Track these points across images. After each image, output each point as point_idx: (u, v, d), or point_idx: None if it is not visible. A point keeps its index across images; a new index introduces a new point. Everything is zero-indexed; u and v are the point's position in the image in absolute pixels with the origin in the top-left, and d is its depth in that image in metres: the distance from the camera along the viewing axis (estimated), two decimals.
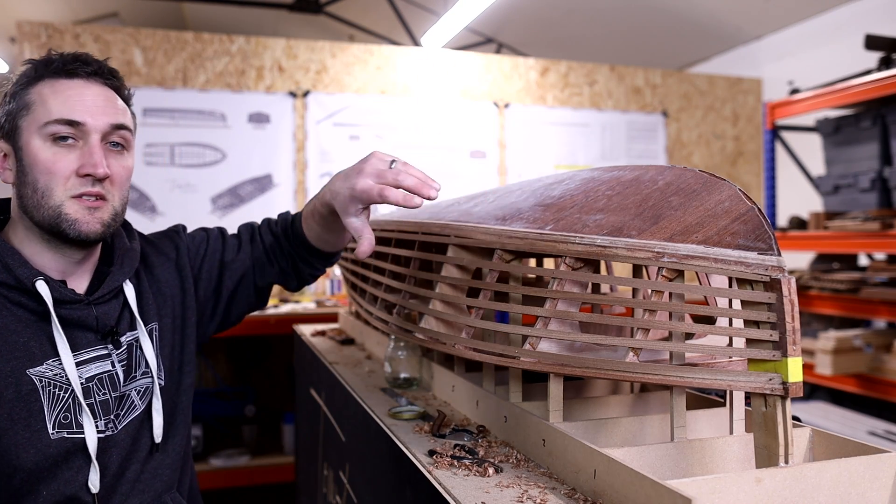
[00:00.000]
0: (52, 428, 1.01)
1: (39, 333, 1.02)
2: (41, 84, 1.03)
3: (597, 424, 1.01)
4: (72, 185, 1.01)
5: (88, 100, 1.03)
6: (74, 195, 1.01)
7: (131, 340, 1.13)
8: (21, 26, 3.69)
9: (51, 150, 1.00)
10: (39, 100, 1.01)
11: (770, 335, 0.80)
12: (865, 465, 0.82)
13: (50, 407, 1.01)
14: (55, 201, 1.00)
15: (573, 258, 0.95)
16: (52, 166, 1.00)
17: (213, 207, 3.94)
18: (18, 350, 1.00)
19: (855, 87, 2.98)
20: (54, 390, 1.02)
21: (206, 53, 3.98)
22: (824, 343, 3.05)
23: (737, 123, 5.10)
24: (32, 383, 1.00)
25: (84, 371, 1.05)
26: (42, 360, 1.01)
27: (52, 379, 1.02)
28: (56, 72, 1.03)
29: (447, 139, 4.42)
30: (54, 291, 1.02)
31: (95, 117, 1.02)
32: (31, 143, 1.01)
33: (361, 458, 1.36)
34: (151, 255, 1.24)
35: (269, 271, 1.32)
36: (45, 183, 1.00)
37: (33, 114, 1.01)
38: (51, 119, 1.00)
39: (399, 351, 1.47)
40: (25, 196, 1.02)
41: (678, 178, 0.99)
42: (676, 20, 5.23)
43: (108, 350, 1.09)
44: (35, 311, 1.03)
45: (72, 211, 1.01)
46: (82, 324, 1.06)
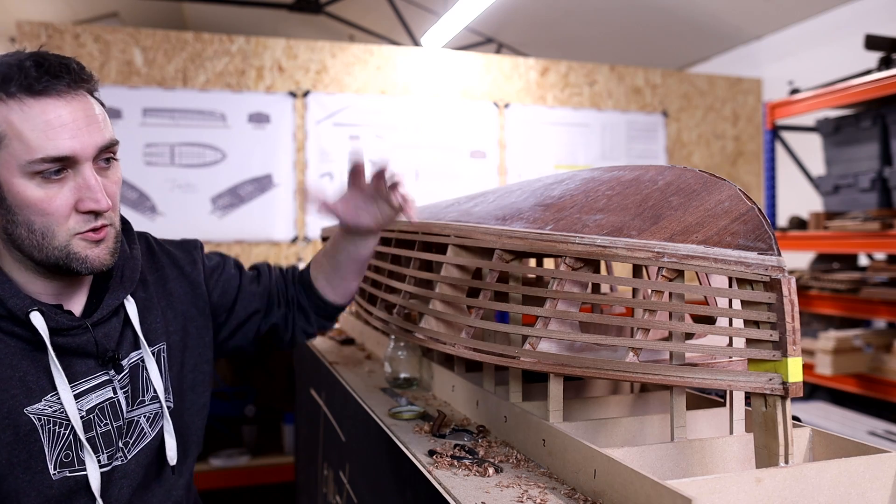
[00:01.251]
0: (53, 468, 0.95)
1: (36, 365, 0.95)
2: (6, 108, 0.87)
3: (597, 424, 1.01)
4: (74, 224, 0.92)
5: (70, 124, 0.89)
6: (79, 233, 0.92)
7: (136, 362, 1.05)
8: (21, 26, 3.69)
9: (41, 190, 0.89)
10: (12, 132, 0.87)
11: (770, 335, 0.80)
12: (865, 465, 0.82)
13: (50, 446, 0.95)
14: (60, 241, 0.91)
15: (573, 258, 0.95)
16: (47, 206, 0.89)
17: (213, 207, 3.94)
18: (14, 387, 0.93)
19: (855, 87, 2.98)
20: (54, 428, 0.95)
21: (206, 53, 3.98)
22: (824, 343, 3.05)
23: (737, 123, 5.10)
24: (31, 423, 0.93)
25: (84, 403, 0.98)
26: (40, 395, 0.94)
27: (51, 416, 0.95)
28: (19, 89, 0.87)
29: (447, 139, 4.42)
30: (50, 320, 0.94)
31: (84, 144, 0.90)
32: (13, 182, 0.88)
33: (361, 458, 1.36)
34: (166, 267, 1.15)
35: (276, 314, 1.26)
36: (44, 224, 0.90)
37: (8, 149, 0.87)
38: (34, 158, 0.87)
39: (399, 351, 1.47)
40: (19, 237, 0.91)
41: (678, 178, 0.99)
42: (676, 20, 5.22)
43: (110, 376, 1.01)
44: (30, 341, 0.94)
45: (80, 249, 0.93)
46: (81, 351, 0.98)
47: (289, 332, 1.29)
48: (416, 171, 4.35)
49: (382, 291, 1.54)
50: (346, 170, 1.11)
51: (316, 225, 4.13)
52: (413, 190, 4.02)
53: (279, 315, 1.27)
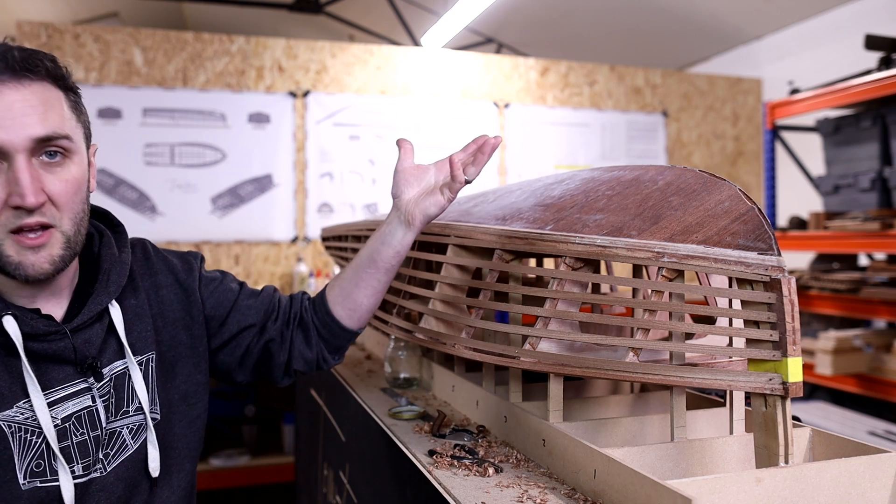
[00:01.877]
0: (23, 478, 0.90)
1: (9, 371, 0.90)
2: None
3: (597, 424, 1.01)
4: (5, 219, 0.85)
5: (1, 110, 0.84)
6: (12, 230, 0.85)
7: (120, 371, 1.00)
8: (21, 26, 3.69)
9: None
10: None
11: (770, 335, 0.80)
12: (865, 465, 0.82)
13: (21, 455, 0.90)
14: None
15: (573, 258, 0.95)
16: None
17: (213, 207, 3.94)
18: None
19: (855, 87, 2.98)
20: (25, 436, 0.90)
21: (206, 53, 3.98)
22: (824, 343, 3.05)
23: (737, 123, 5.10)
24: (1, 430, 0.88)
25: (59, 410, 0.93)
26: (12, 402, 0.89)
27: (22, 423, 0.90)
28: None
29: (447, 139, 4.42)
30: (24, 325, 0.89)
31: (10, 132, 0.84)
32: None
33: (361, 458, 1.36)
34: (160, 274, 1.10)
35: (271, 329, 1.16)
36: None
37: None
38: None
39: (399, 351, 1.47)
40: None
41: (678, 178, 0.99)
42: (676, 20, 5.22)
43: (89, 384, 0.95)
44: (4, 345, 0.90)
45: (12, 252, 0.86)
46: (58, 357, 0.93)
47: (284, 354, 1.17)
48: None
49: None
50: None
51: (316, 225, 4.13)
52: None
53: (275, 330, 1.16)
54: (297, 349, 1.16)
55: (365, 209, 4.25)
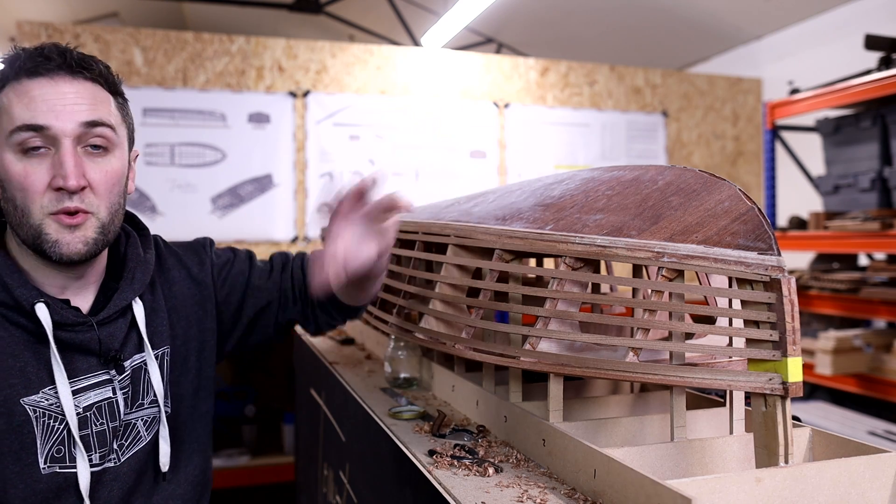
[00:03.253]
0: (43, 462, 0.94)
1: (38, 357, 0.95)
2: (8, 88, 0.92)
3: (597, 424, 1.01)
4: (48, 202, 0.91)
5: (53, 99, 0.90)
6: (52, 212, 0.91)
7: (139, 364, 1.04)
8: (21, 26, 3.69)
9: (21, 163, 0.90)
10: (3, 107, 0.91)
11: (770, 335, 0.80)
12: (865, 465, 0.82)
13: (43, 440, 0.94)
14: (34, 220, 0.91)
15: (573, 258, 0.95)
16: (24, 181, 0.90)
17: (213, 207, 3.94)
18: (14, 376, 0.93)
19: (855, 87, 2.98)
20: (49, 421, 0.94)
21: (206, 53, 3.98)
22: (824, 343, 3.05)
23: (737, 123, 5.11)
24: (26, 414, 0.93)
25: (82, 399, 0.97)
26: (38, 387, 0.94)
27: (46, 409, 0.94)
28: (18, 72, 0.91)
29: (447, 139, 4.42)
30: (55, 314, 0.94)
31: (61, 118, 0.90)
32: (2, 156, 0.91)
33: (361, 458, 1.36)
34: (173, 269, 1.13)
35: (293, 309, 1.21)
36: (23, 200, 0.91)
37: (0, 123, 0.91)
38: (14, 126, 0.89)
39: (399, 351, 1.47)
40: (8, 213, 0.93)
41: (678, 178, 0.99)
42: (676, 20, 5.22)
43: (110, 376, 1.00)
44: (34, 332, 0.95)
45: (51, 230, 0.91)
46: (84, 348, 0.98)
47: (311, 326, 1.25)
48: (416, 171, 4.35)
49: (382, 291, 1.54)
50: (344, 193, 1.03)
51: (316, 225, 4.13)
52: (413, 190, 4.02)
53: (296, 311, 1.22)
54: (322, 320, 1.24)
55: None
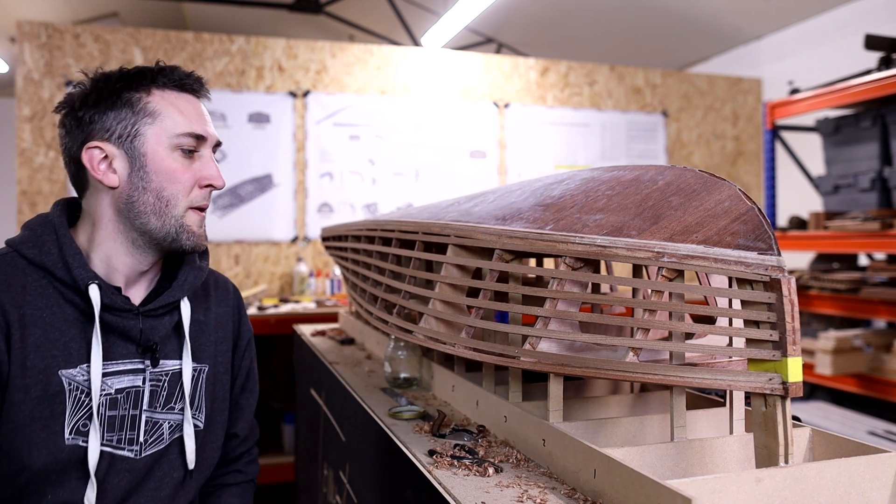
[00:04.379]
0: (68, 433, 1.00)
1: (82, 335, 1.02)
2: (157, 92, 1.06)
3: (597, 424, 1.01)
4: (194, 196, 1.07)
5: (203, 115, 1.10)
6: (194, 206, 1.07)
7: (176, 370, 1.11)
8: (21, 26, 3.69)
9: (179, 162, 1.05)
10: (166, 111, 1.05)
11: (770, 335, 0.80)
12: (865, 465, 0.82)
13: (72, 412, 1.00)
14: (179, 211, 1.05)
15: (573, 258, 0.95)
16: (181, 176, 1.05)
17: (213, 207, 3.93)
18: (57, 349, 1.00)
19: (855, 87, 2.98)
20: (80, 395, 1.01)
21: (206, 53, 3.98)
22: (824, 343, 3.05)
23: (737, 123, 5.11)
24: (61, 385, 0.99)
25: (115, 381, 1.04)
26: (77, 362, 1.01)
27: (80, 384, 1.01)
28: (170, 83, 1.07)
29: (447, 139, 4.42)
30: (105, 297, 1.02)
31: (211, 133, 1.10)
32: (159, 150, 1.04)
33: (361, 458, 1.36)
34: (223, 304, 1.25)
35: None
36: (172, 192, 1.05)
37: (162, 123, 1.05)
38: (182, 132, 1.05)
39: (399, 351, 1.47)
40: (144, 202, 1.04)
41: (678, 178, 0.99)
42: (676, 20, 5.22)
43: (144, 366, 1.07)
44: (84, 311, 1.03)
45: (192, 223, 1.07)
46: (125, 334, 1.05)
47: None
48: (416, 171, 4.35)
49: (382, 291, 1.54)
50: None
51: (316, 225, 4.13)
52: (413, 190, 4.02)
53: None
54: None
55: (365, 209, 4.25)
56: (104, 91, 1.05)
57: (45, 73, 3.72)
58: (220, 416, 1.20)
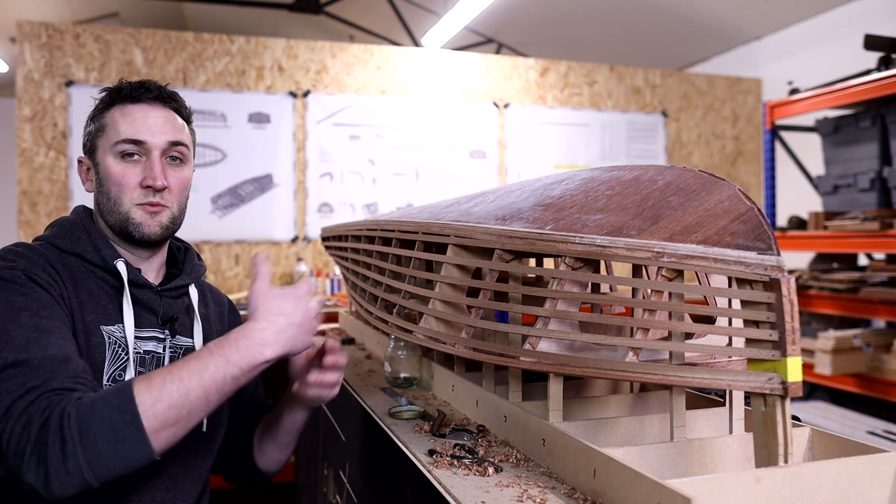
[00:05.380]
0: (106, 381, 1.11)
1: (114, 303, 1.17)
2: (114, 109, 1.20)
3: (597, 424, 1.01)
4: (137, 195, 1.18)
5: (150, 121, 1.19)
6: (139, 203, 1.18)
7: (189, 346, 1.23)
8: (21, 26, 3.69)
9: (119, 166, 1.18)
10: (111, 123, 1.19)
11: (769, 335, 0.80)
12: (865, 465, 0.82)
13: (110, 363, 1.12)
14: (124, 208, 1.18)
15: (573, 258, 0.95)
16: (121, 179, 1.17)
17: (214, 207, 3.94)
18: (97, 311, 1.14)
19: (854, 87, 2.98)
20: (117, 349, 1.14)
21: (206, 53, 3.98)
22: (824, 343, 3.05)
23: (736, 123, 5.11)
24: (102, 338, 1.12)
25: (141, 344, 1.17)
26: (114, 321, 1.15)
27: (118, 339, 1.14)
28: (125, 98, 1.20)
29: (447, 139, 4.42)
30: (130, 273, 1.17)
31: (155, 136, 1.19)
32: (105, 159, 1.18)
33: (361, 458, 1.36)
34: (214, 303, 1.36)
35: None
36: (116, 193, 1.18)
37: (106, 135, 1.19)
38: (119, 139, 1.17)
39: (399, 351, 1.47)
40: (101, 203, 1.20)
41: (678, 178, 0.99)
42: (676, 20, 5.23)
43: (164, 335, 1.20)
44: (113, 286, 1.17)
45: (136, 216, 1.18)
46: (148, 307, 1.19)
47: (225, 471, 1.45)
48: (416, 171, 4.35)
49: (382, 291, 1.54)
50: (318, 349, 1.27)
51: (316, 225, 4.13)
52: (413, 190, 4.01)
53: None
54: (233, 473, 1.45)
55: (365, 209, 4.25)
56: (92, 111, 1.23)
57: (45, 74, 3.72)
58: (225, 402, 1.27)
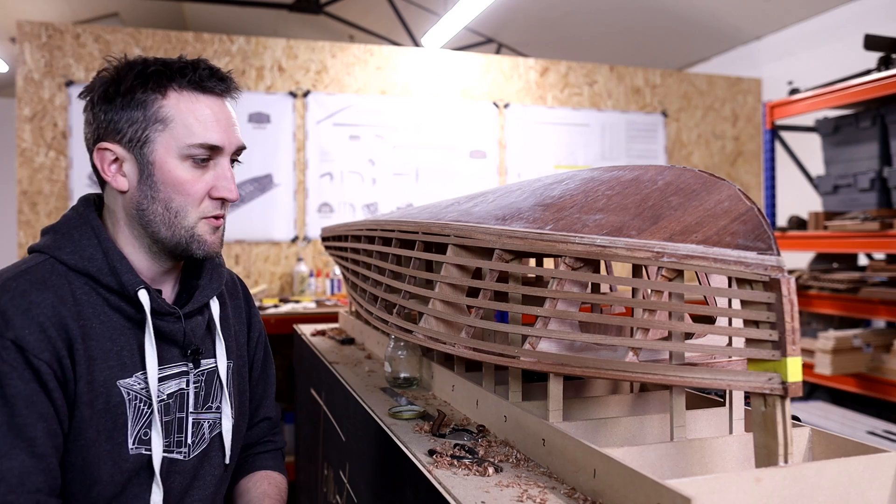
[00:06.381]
0: (132, 443, 0.99)
1: (132, 342, 1.00)
2: (173, 95, 1.00)
3: (596, 424, 1.01)
4: (205, 208, 1.03)
5: (224, 121, 1.03)
6: (205, 217, 1.03)
7: (211, 368, 1.12)
8: (21, 26, 3.69)
9: (190, 172, 1.00)
10: (178, 116, 0.99)
11: (769, 335, 0.80)
12: (865, 465, 0.82)
13: (133, 422, 0.99)
14: (189, 222, 1.01)
15: (573, 258, 0.95)
16: (190, 188, 1.00)
17: None
18: (112, 359, 0.97)
19: (854, 87, 2.98)
20: (139, 405, 0.99)
21: (207, 53, 3.98)
22: (824, 343, 3.05)
23: (736, 123, 5.11)
24: (121, 395, 0.98)
25: (164, 387, 1.03)
26: (132, 371, 0.99)
27: (138, 392, 0.99)
28: (189, 84, 1.01)
29: (447, 139, 4.42)
30: (153, 302, 1.00)
31: (230, 141, 1.04)
32: (168, 160, 0.99)
33: (361, 458, 1.36)
34: (234, 297, 1.24)
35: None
36: (181, 203, 1.00)
37: (172, 131, 0.99)
38: (195, 143, 1.00)
39: (399, 351, 1.47)
40: (153, 211, 1.00)
41: (678, 178, 0.99)
42: (676, 20, 5.23)
43: (188, 368, 1.07)
44: (131, 318, 1.00)
45: (203, 232, 1.03)
46: (170, 338, 1.04)
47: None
48: (416, 171, 4.35)
49: (382, 291, 1.54)
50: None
51: (316, 225, 4.13)
52: (413, 190, 4.03)
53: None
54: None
55: (365, 209, 4.25)
56: (121, 87, 0.99)
57: (45, 74, 3.72)
58: (244, 407, 1.22)
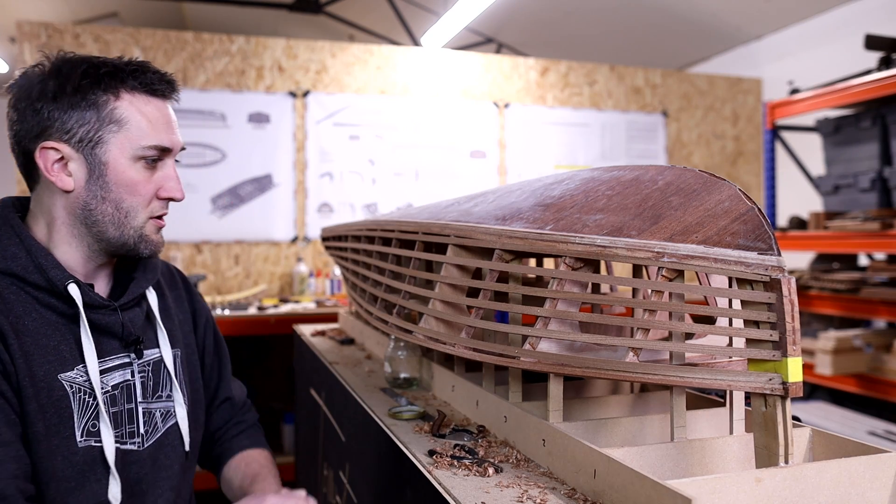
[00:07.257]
0: (79, 435, 0.98)
1: (68, 337, 1.00)
2: (126, 96, 1.00)
3: (597, 424, 1.01)
4: (153, 208, 1.05)
5: (172, 124, 1.06)
6: (153, 216, 1.05)
7: (157, 358, 1.12)
8: (21, 26, 3.69)
9: (141, 173, 1.02)
10: (130, 118, 1.00)
11: (770, 335, 0.80)
12: (865, 465, 0.82)
13: (79, 414, 0.99)
14: (138, 222, 1.03)
15: (573, 258, 0.95)
16: (142, 189, 1.02)
17: (213, 207, 3.94)
18: (50, 354, 0.97)
19: (855, 87, 2.98)
20: (83, 397, 0.99)
21: (206, 53, 3.98)
22: (824, 343, 3.05)
23: (737, 123, 5.10)
24: (64, 389, 0.97)
25: (108, 378, 1.03)
26: (72, 365, 0.99)
27: (81, 385, 0.99)
28: (141, 86, 1.02)
29: (447, 139, 4.42)
30: (84, 295, 1.00)
31: (176, 142, 1.06)
32: (121, 161, 1.00)
33: (361, 458, 1.36)
34: (173, 287, 1.25)
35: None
36: (132, 204, 1.02)
37: (127, 132, 1.00)
38: (149, 144, 1.01)
39: (399, 351, 1.47)
40: (101, 211, 1.01)
41: (678, 178, 0.99)
42: (676, 20, 5.22)
43: (130, 359, 1.07)
44: (64, 313, 1.00)
45: (150, 231, 1.05)
46: (108, 330, 1.04)
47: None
48: (416, 171, 4.35)
49: (382, 291, 1.54)
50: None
51: (316, 225, 4.13)
52: (413, 190, 4.03)
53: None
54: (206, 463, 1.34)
55: (365, 209, 4.25)
56: (67, 86, 0.97)
57: None
58: (198, 393, 1.22)
